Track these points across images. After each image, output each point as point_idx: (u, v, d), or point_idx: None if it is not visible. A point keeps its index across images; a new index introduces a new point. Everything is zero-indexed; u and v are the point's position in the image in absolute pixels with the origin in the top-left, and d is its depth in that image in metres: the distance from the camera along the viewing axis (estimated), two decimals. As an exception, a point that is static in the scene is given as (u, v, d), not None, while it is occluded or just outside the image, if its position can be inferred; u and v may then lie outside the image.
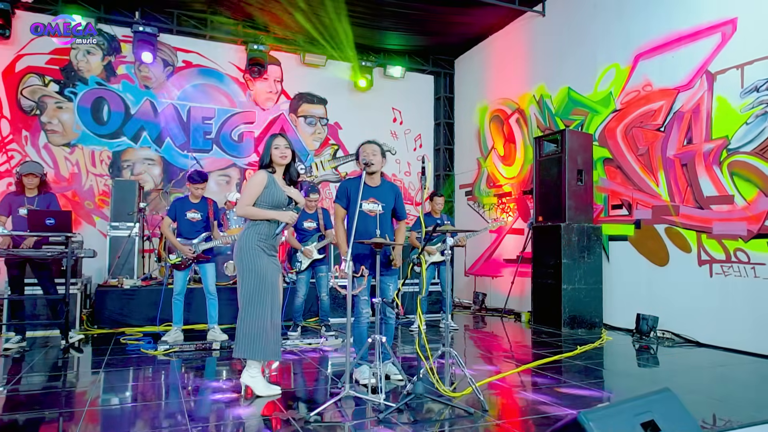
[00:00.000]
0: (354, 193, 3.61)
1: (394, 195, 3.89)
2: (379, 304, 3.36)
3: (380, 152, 3.80)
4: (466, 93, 9.70)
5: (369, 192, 3.76)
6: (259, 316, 3.31)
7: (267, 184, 3.42)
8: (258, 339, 3.31)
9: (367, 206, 3.74)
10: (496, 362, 4.61)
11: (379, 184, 3.83)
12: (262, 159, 3.52)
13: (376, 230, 3.39)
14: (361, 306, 3.70)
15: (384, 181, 3.90)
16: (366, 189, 3.71)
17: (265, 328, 3.31)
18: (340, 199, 3.78)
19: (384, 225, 3.73)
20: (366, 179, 3.77)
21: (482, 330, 6.51)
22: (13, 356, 4.56)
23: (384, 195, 3.82)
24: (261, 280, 3.33)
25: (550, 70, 7.54)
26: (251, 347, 3.32)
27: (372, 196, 3.77)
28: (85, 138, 7.86)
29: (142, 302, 5.88)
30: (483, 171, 9.06)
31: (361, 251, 3.72)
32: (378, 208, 3.76)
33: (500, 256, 8.42)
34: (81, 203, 7.82)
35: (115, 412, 3.17)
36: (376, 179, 3.83)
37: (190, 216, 5.24)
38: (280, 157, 3.47)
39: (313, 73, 9.21)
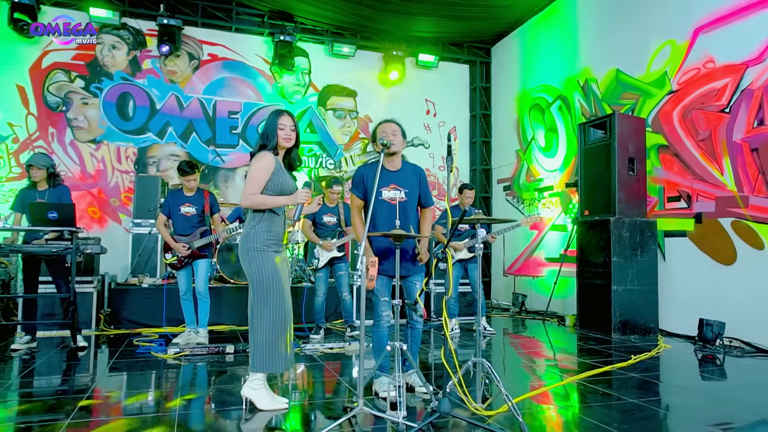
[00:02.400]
0: (371, 180, 3.17)
1: (417, 179, 3.38)
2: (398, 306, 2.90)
3: (401, 132, 3.33)
4: (504, 81, 9.13)
5: (389, 177, 3.29)
6: (275, 326, 2.93)
7: (275, 169, 2.99)
8: (272, 350, 2.92)
9: (387, 194, 3.27)
10: (538, 373, 4.08)
11: (399, 168, 3.35)
12: (265, 138, 3.04)
13: (396, 221, 2.93)
14: (381, 307, 3.25)
15: (405, 164, 3.41)
16: (385, 174, 3.25)
17: (280, 337, 2.94)
18: (356, 187, 3.32)
19: (408, 214, 3.26)
20: (385, 163, 3.32)
21: (522, 335, 5.96)
22: (22, 357, 4.34)
23: (406, 180, 3.33)
24: (272, 286, 2.93)
25: (596, 51, 6.91)
26: (267, 360, 2.92)
27: (393, 182, 3.30)
28: (111, 134, 7.72)
29: (161, 302, 5.60)
30: (522, 164, 8.47)
31: (383, 245, 3.28)
32: (400, 195, 3.27)
33: (541, 255, 7.82)
34: (107, 200, 7.69)
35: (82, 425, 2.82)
36: (396, 162, 3.34)
37: (184, 210, 4.88)
38: (284, 140, 3.04)
39: (342, 65, 8.85)
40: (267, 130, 3.04)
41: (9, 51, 7.26)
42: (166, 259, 4.88)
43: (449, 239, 2.69)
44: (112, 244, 7.28)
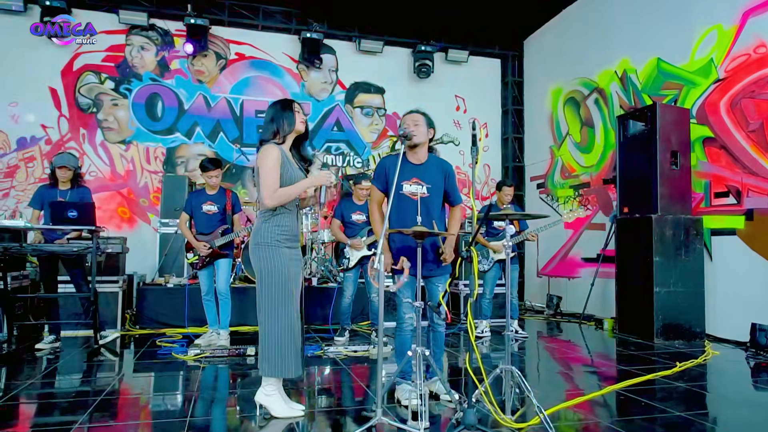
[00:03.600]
0: (393, 172, 2.96)
1: (443, 174, 3.17)
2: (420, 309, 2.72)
3: (424, 122, 3.13)
4: (537, 75, 8.81)
5: (411, 171, 3.10)
6: (284, 326, 2.77)
7: (282, 160, 2.82)
8: (280, 353, 2.76)
9: (408, 188, 3.07)
10: (573, 381, 3.82)
11: (423, 161, 3.15)
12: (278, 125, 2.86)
13: (417, 217, 2.74)
14: (404, 309, 3.05)
15: (432, 157, 3.21)
16: (407, 167, 3.07)
17: (289, 339, 2.77)
18: (378, 179, 3.13)
19: (430, 211, 3.06)
20: (408, 155, 3.13)
21: (557, 338, 5.67)
22: (46, 357, 4.33)
23: (430, 174, 3.13)
24: (283, 284, 2.78)
25: (635, 40, 6.54)
26: (277, 364, 2.76)
27: (415, 175, 3.10)
28: (140, 135, 7.76)
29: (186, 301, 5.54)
30: (557, 160, 8.14)
31: (404, 244, 3.09)
32: (422, 190, 3.07)
33: (578, 255, 7.48)
34: (136, 200, 7.72)
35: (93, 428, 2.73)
36: (420, 155, 3.14)
37: (206, 209, 4.79)
38: (301, 123, 2.89)
39: (370, 61, 8.68)
40: (280, 117, 2.87)
41: (41, 54, 7.36)
42: (187, 258, 4.81)
43: (474, 235, 2.48)
44: (142, 244, 7.35)
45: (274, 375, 2.78)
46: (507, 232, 2.65)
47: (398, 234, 3.08)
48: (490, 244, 5.49)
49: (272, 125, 2.89)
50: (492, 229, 5.60)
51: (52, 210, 4.21)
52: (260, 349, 2.78)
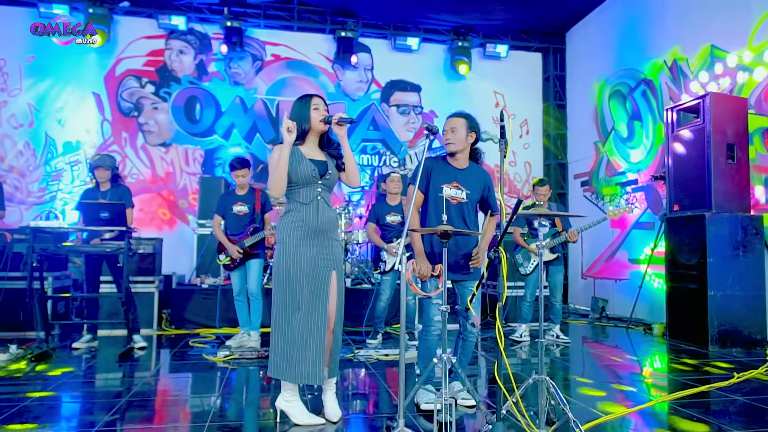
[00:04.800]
0: (436, 174, 2.94)
1: (482, 183, 3.09)
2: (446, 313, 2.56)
3: (465, 126, 3.00)
4: (581, 69, 8.45)
5: (452, 174, 3.02)
6: (293, 326, 2.63)
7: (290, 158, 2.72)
8: (286, 355, 2.63)
9: (447, 191, 2.98)
10: (618, 391, 3.56)
11: (465, 167, 3.07)
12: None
13: (443, 215, 2.60)
14: (432, 312, 2.91)
15: (472, 164, 3.12)
16: (449, 170, 3.00)
17: (299, 341, 2.63)
18: (420, 180, 3.00)
19: (466, 217, 2.99)
20: (449, 159, 3.06)
21: (601, 344, 5.37)
22: (84, 355, 4.39)
23: (470, 180, 3.05)
24: (288, 285, 2.65)
25: (687, 27, 6.15)
26: (282, 366, 2.65)
27: (456, 179, 3.02)
28: (179, 137, 7.88)
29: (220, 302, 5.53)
30: (602, 157, 7.77)
31: (437, 248, 2.98)
32: (461, 195, 2.99)
33: (624, 255, 7.10)
34: (176, 202, 7.85)
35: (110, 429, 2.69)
36: (461, 161, 3.06)
37: (236, 210, 4.75)
38: (319, 121, 2.77)
39: (406, 59, 8.55)
40: (297, 116, 2.77)
41: (86, 60, 7.59)
42: (219, 260, 4.79)
43: (502, 234, 2.30)
44: (181, 245, 7.47)
45: (278, 376, 2.67)
46: (539, 232, 2.45)
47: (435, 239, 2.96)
48: (530, 246, 5.26)
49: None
50: (533, 230, 5.34)
51: (84, 211, 4.28)
52: (274, 351, 2.69)
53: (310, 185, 2.73)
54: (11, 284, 4.84)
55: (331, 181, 2.82)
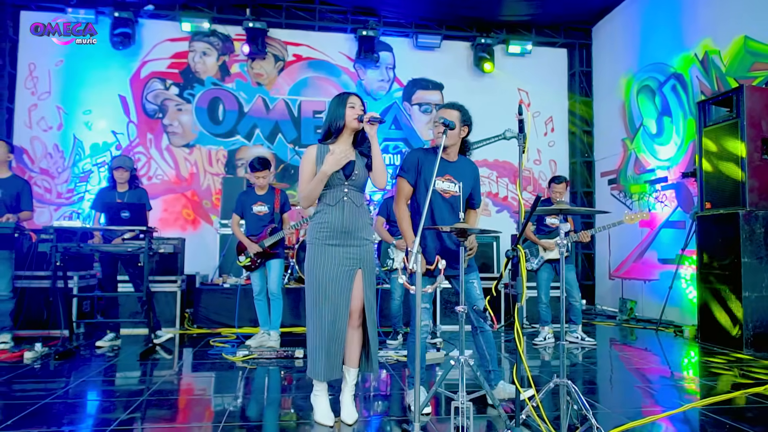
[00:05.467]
0: (428, 166, 2.86)
1: (473, 176, 3.07)
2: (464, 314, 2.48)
3: (459, 119, 2.99)
4: (607, 64, 8.24)
5: (444, 167, 2.97)
6: (314, 327, 2.67)
7: (317, 158, 2.72)
8: (313, 353, 2.69)
9: (440, 185, 2.95)
10: (646, 396, 3.42)
11: (455, 160, 3.03)
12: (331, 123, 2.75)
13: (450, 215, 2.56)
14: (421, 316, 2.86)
15: (461, 157, 3.08)
16: (441, 163, 2.91)
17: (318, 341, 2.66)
18: (408, 172, 2.98)
19: (457, 211, 2.91)
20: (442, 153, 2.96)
21: (629, 346, 5.20)
22: (106, 354, 4.44)
23: (462, 173, 3.00)
24: (316, 284, 2.67)
25: (718, 18, 5.92)
26: (310, 363, 2.71)
27: (448, 172, 2.98)
28: (203, 138, 7.96)
29: (241, 302, 5.55)
30: (630, 154, 7.55)
31: (438, 244, 2.96)
32: (454, 189, 2.95)
33: (654, 255, 6.88)
34: (199, 202, 7.92)
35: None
36: (451, 154, 3.03)
37: (256, 210, 4.75)
38: (353, 119, 2.72)
39: (428, 57, 8.47)
40: (333, 114, 2.76)
41: (112, 64, 7.72)
42: (239, 261, 4.79)
43: (522, 231, 2.21)
44: (205, 244, 7.54)
45: (309, 374, 2.72)
46: (561, 230, 2.36)
47: (430, 233, 2.90)
48: (541, 242, 5.13)
49: (326, 124, 2.80)
50: (543, 226, 5.23)
51: (106, 211, 4.33)
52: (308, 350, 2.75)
53: (337, 186, 2.71)
54: (36, 283, 4.93)
55: (358, 182, 2.77)
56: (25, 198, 4.59)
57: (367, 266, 2.75)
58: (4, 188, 4.51)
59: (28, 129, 7.56)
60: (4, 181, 4.55)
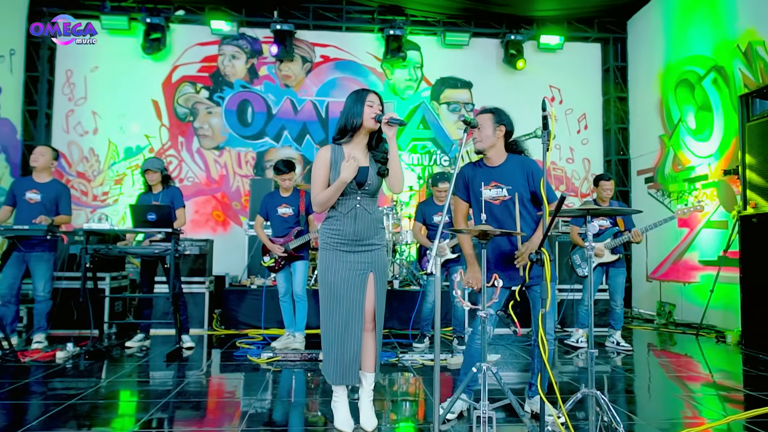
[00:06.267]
0: (475, 180, 2.81)
1: (524, 172, 2.83)
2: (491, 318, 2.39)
3: (491, 121, 2.84)
4: (643, 58, 7.95)
5: (488, 174, 2.85)
6: (327, 331, 2.63)
7: (332, 160, 2.62)
8: (327, 356, 2.65)
9: (488, 193, 2.82)
10: (686, 406, 3.24)
11: (500, 163, 2.88)
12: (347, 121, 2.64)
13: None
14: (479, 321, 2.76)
15: (511, 157, 2.90)
16: (484, 171, 2.85)
17: (329, 345, 2.62)
18: (459, 190, 2.94)
19: (514, 214, 2.78)
20: (484, 159, 2.91)
21: (668, 351, 4.98)
22: (135, 354, 4.50)
23: (509, 174, 2.83)
24: (328, 288, 2.62)
25: (763, 5, 5.62)
26: (325, 366, 2.67)
27: (493, 179, 2.85)
28: (232, 140, 8.04)
29: (267, 303, 5.56)
30: (668, 151, 7.26)
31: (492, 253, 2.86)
32: (503, 193, 2.80)
33: (694, 257, 6.59)
34: (229, 204, 8.00)
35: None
36: (494, 158, 2.88)
37: (281, 212, 4.73)
38: (370, 119, 2.60)
39: (456, 55, 8.34)
40: (350, 111, 2.64)
41: (144, 69, 7.87)
42: (264, 262, 4.79)
43: (545, 234, 2.10)
44: (234, 246, 7.59)
45: (327, 378, 2.67)
46: (589, 231, 2.23)
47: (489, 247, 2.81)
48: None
49: (342, 121, 2.68)
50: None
51: (133, 213, 4.39)
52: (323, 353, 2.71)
53: (350, 195, 2.63)
54: (67, 284, 5.05)
55: (371, 190, 2.68)
56: (64, 202, 4.69)
57: (378, 270, 2.69)
58: (44, 192, 4.63)
59: (65, 134, 7.78)
60: (44, 186, 4.67)
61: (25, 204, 4.55)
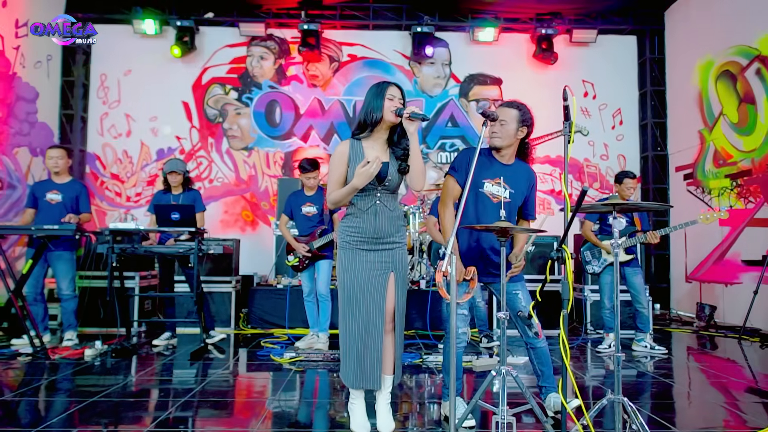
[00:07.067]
0: (478, 167, 2.61)
1: (528, 184, 2.77)
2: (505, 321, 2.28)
3: (516, 119, 2.70)
4: (682, 49, 7.63)
5: (497, 169, 2.74)
6: (346, 332, 2.55)
7: (350, 156, 2.54)
8: (346, 359, 2.57)
9: (489, 187, 2.71)
10: (725, 415, 3.05)
11: (511, 164, 2.77)
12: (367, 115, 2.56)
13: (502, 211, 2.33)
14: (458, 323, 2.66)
15: (519, 162, 2.80)
16: (494, 164, 2.73)
17: (348, 347, 2.54)
18: (458, 171, 2.74)
19: (509, 218, 2.65)
20: (494, 153, 2.77)
21: (708, 355, 4.74)
22: (161, 352, 4.55)
23: (516, 179, 2.74)
24: (347, 289, 2.55)
25: (811, -9, 5.31)
26: (343, 370, 2.59)
27: (501, 176, 2.72)
28: (261, 141, 8.09)
29: (292, 302, 5.55)
30: (708, 146, 6.94)
31: (469, 246, 2.75)
32: (504, 194, 2.68)
33: (736, 256, 6.27)
34: (258, 204, 8.06)
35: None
36: (506, 157, 2.76)
37: (305, 210, 4.70)
38: (391, 112, 2.51)
39: (485, 51, 8.19)
40: (370, 105, 2.56)
41: (175, 71, 8.00)
42: (288, 261, 4.78)
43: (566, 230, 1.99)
44: (263, 245, 7.64)
45: (344, 381, 2.60)
46: (614, 228, 2.10)
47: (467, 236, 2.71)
48: (603, 244, 4.76)
49: (362, 114, 2.60)
50: (606, 226, 4.86)
51: (157, 213, 4.44)
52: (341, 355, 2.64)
53: (370, 191, 2.55)
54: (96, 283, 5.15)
55: (391, 186, 2.60)
56: (83, 201, 4.79)
57: (399, 269, 2.60)
58: (64, 192, 4.73)
59: (99, 136, 7.98)
60: (64, 186, 4.77)
61: (47, 205, 4.65)
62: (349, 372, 2.53)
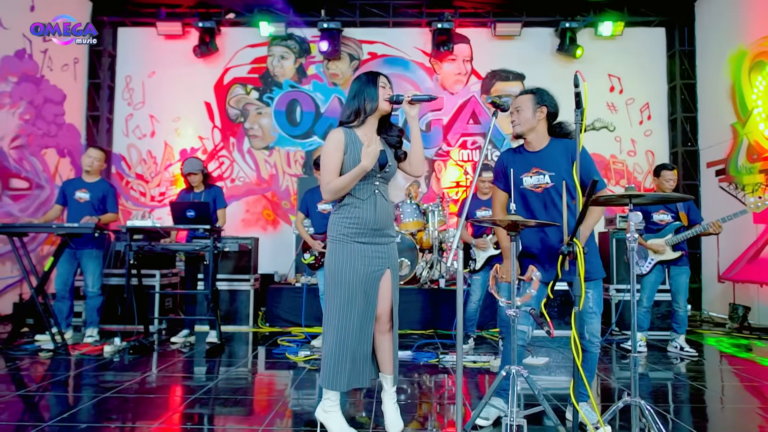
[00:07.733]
0: (514, 168, 2.59)
1: (567, 156, 2.57)
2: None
3: (531, 103, 2.62)
4: (713, 41, 7.35)
5: (529, 160, 2.64)
6: (338, 333, 2.40)
7: (346, 143, 2.46)
8: (335, 362, 2.40)
9: (528, 180, 2.62)
10: (758, 422, 2.89)
11: (542, 148, 2.65)
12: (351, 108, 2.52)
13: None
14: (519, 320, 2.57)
15: (553, 141, 2.66)
16: (525, 157, 2.65)
17: (342, 349, 2.40)
18: (497, 179, 2.75)
19: (557, 203, 2.55)
20: (525, 144, 2.70)
21: (740, 358, 4.52)
22: (179, 349, 4.57)
23: (550, 160, 2.60)
24: (341, 286, 2.42)
25: None
26: (329, 373, 2.42)
27: (534, 165, 2.62)
28: (281, 140, 8.11)
29: (309, 301, 5.52)
30: (741, 140, 6.66)
31: (528, 244, 2.66)
32: (545, 180, 2.57)
33: (772, 256, 6.00)
34: (279, 203, 8.08)
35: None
36: (534, 142, 2.65)
37: (321, 208, 4.67)
38: (384, 100, 2.47)
39: (507, 46, 8.04)
40: (362, 92, 2.49)
41: (198, 72, 8.09)
42: (304, 259, 4.76)
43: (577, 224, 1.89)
44: (284, 244, 7.66)
45: (323, 385, 2.45)
46: (631, 221, 1.99)
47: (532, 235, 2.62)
48: (648, 243, 4.60)
49: (353, 103, 2.53)
50: (651, 224, 4.68)
51: (173, 211, 4.46)
52: (323, 357, 2.48)
53: (368, 179, 2.47)
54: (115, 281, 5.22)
55: (390, 174, 2.55)
56: (110, 200, 4.86)
57: (394, 266, 2.53)
58: (92, 191, 4.81)
59: (125, 137, 8.12)
60: (92, 185, 4.85)
61: (75, 203, 4.73)
62: (342, 374, 2.39)
